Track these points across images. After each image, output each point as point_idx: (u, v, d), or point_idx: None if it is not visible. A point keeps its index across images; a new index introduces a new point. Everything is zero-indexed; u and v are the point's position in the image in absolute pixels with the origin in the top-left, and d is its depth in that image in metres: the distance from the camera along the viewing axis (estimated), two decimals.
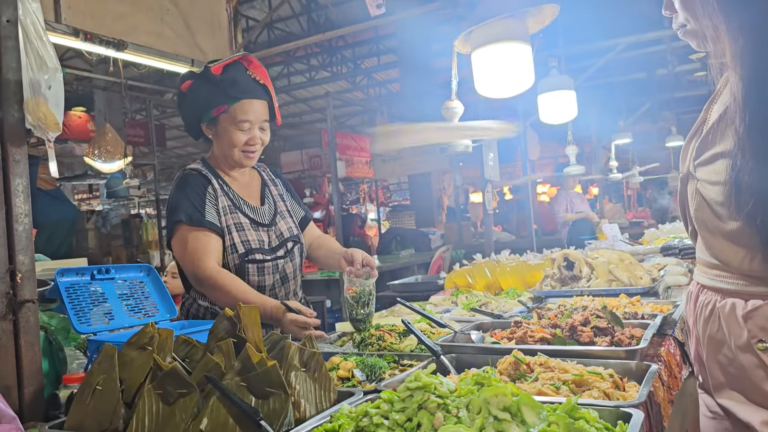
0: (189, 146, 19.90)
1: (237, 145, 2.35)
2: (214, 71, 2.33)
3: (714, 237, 1.44)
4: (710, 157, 1.40)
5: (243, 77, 2.36)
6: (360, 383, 1.74)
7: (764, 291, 1.35)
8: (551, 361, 1.63)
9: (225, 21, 5.54)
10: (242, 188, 2.49)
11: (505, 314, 2.64)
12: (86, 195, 16.09)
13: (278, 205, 2.55)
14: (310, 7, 12.55)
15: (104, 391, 1.41)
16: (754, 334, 1.36)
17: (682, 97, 10.00)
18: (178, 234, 2.30)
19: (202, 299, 2.41)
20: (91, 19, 4.21)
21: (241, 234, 2.34)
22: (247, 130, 2.35)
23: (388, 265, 7.64)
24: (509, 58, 2.19)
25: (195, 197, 2.31)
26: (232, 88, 2.32)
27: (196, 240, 2.26)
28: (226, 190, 2.41)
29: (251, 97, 2.34)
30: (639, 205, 16.42)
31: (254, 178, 2.59)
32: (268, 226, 2.45)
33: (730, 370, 1.44)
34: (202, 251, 2.24)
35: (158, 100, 11.17)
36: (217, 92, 2.32)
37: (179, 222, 2.28)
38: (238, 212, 2.39)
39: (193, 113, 2.41)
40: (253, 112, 2.34)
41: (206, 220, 2.28)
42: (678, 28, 1.49)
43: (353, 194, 17.57)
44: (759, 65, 1.26)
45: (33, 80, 1.70)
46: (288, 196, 2.65)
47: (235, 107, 2.32)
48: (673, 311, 2.40)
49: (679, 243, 4.57)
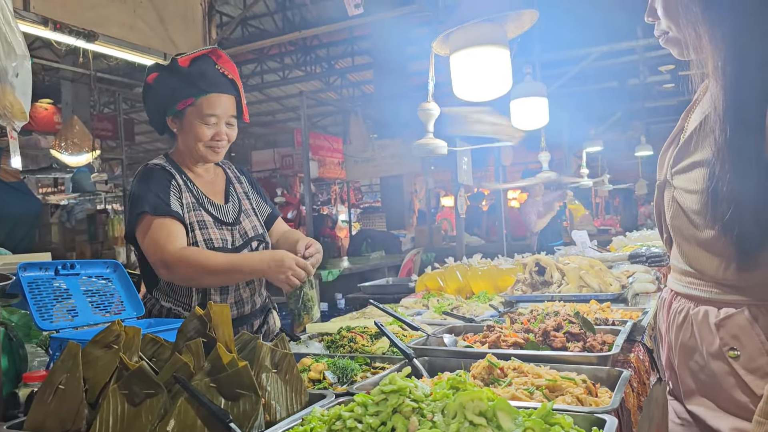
0: (157, 141, 19.58)
1: (202, 139, 2.30)
2: (182, 63, 2.29)
3: (689, 245, 1.45)
4: (688, 165, 1.41)
5: (211, 71, 2.31)
6: (331, 385, 1.72)
7: (737, 299, 1.37)
8: (525, 366, 1.63)
9: (199, 15, 5.47)
10: (206, 185, 2.43)
11: (476, 318, 2.64)
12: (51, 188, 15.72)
13: (243, 203, 2.50)
14: (285, 5, 12.47)
15: (67, 390, 1.36)
16: (725, 341, 1.37)
17: (652, 107, 10.21)
18: (141, 225, 2.23)
19: (164, 299, 2.35)
20: (61, 8, 4.12)
21: (203, 232, 2.29)
22: (214, 124, 2.30)
23: (358, 266, 7.62)
24: (488, 61, 2.19)
25: (159, 189, 2.25)
26: (199, 81, 2.27)
27: (160, 226, 2.19)
28: (190, 186, 2.36)
29: (219, 92, 2.30)
30: (606, 213, 16.68)
31: (219, 175, 2.53)
32: (232, 225, 2.39)
33: (701, 376, 1.45)
34: (166, 236, 2.17)
35: (127, 93, 10.96)
36: (184, 85, 2.28)
37: (143, 213, 2.21)
38: (201, 210, 2.33)
39: (158, 106, 2.36)
40: (220, 106, 2.30)
41: (171, 210, 2.22)
42: (660, 35, 1.49)
43: (324, 195, 17.51)
44: (741, 76, 1.26)
45: (0, 67, 1.64)
46: (254, 193, 2.60)
47: (201, 100, 2.28)
48: (642, 318, 2.43)
49: (647, 251, 4.63)
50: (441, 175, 13.38)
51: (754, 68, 1.25)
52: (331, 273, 6.67)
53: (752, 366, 1.33)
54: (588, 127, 9.44)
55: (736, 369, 1.35)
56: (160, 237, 2.18)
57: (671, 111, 10.58)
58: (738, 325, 1.35)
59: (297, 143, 11.49)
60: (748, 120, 1.24)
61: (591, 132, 9.29)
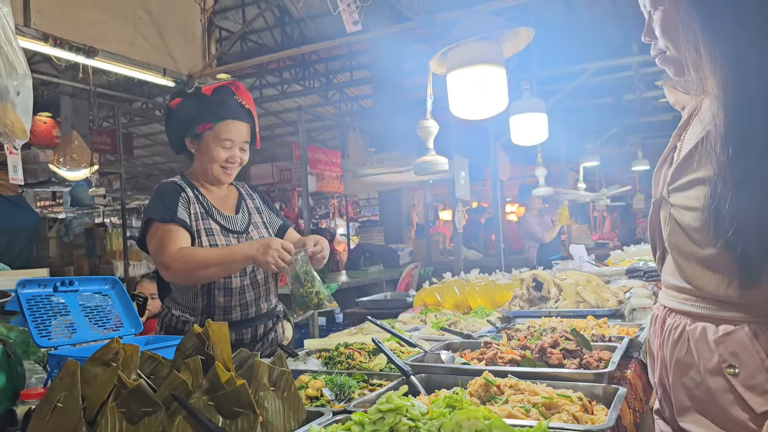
0: (156, 155, 19.65)
1: (217, 160, 2.49)
2: (205, 91, 2.50)
3: (688, 262, 1.44)
4: (687, 183, 1.40)
5: (230, 100, 2.51)
6: (329, 402, 1.72)
7: (736, 316, 1.36)
8: (521, 383, 1.64)
9: (199, 31, 5.51)
10: (217, 199, 2.60)
11: (474, 334, 2.64)
12: (49, 202, 15.72)
13: (253, 216, 2.66)
14: (284, 21, 12.56)
15: (65, 408, 1.37)
16: (724, 358, 1.36)
17: (648, 122, 10.26)
18: (149, 231, 2.41)
19: (174, 308, 2.49)
20: (62, 24, 4.16)
21: (210, 239, 2.44)
22: (228, 148, 2.50)
23: (356, 280, 7.61)
24: (484, 80, 2.21)
25: (167, 200, 2.43)
26: (219, 108, 2.48)
27: (165, 233, 2.35)
28: (201, 199, 2.52)
29: (235, 118, 2.50)
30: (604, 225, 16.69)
31: (231, 192, 2.70)
32: (240, 233, 2.54)
33: (697, 393, 1.43)
34: (168, 240, 2.33)
35: (126, 108, 11.01)
36: (205, 110, 2.47)
37: (151, 220, 2.39)
38: (210, 219, 2.49)
39: (178, 128, 2.54)
40: (236, 132, 2.50)
41: (177, 217, 2.38)
42: (657, 55, 1.49)
43: (323, 209, 17.53)
44: (742, 95, 1.25)
45: (1, 86, 1.66)
46: (265, 208, 2.76)
47: (219, 125, 2.47)
48: (639, 334, 2.44)
49: (644, 265, 4.65)
50: (439, 189, 13.39)
51: (756, 87, 1.25)
52: (330, 287, 6.65)
53: (751, 383, 1.32)
54: (584, 142, 9.48)
55: (735, 386, 1.34)
56: (162, 241, 2.34)
57: (667, 126, 10.63)
58: (738, 342, 1.34)
59: (295, 157, 11.51)
60: (750, 138, 1.24)
61: (588, 147, 9.33)
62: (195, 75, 5.19)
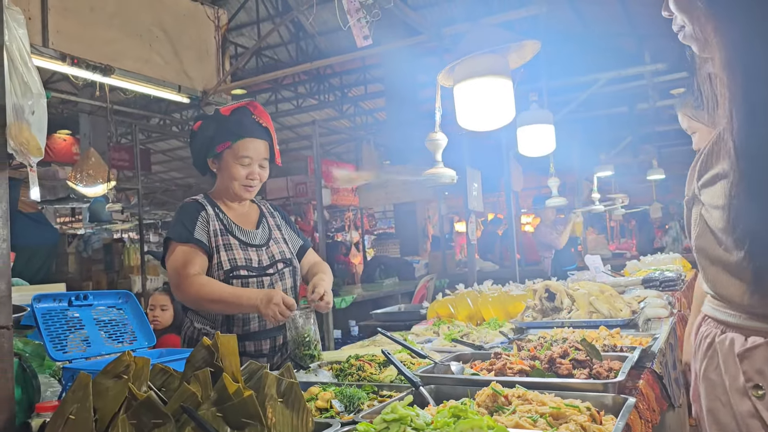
0: (173, 171, 19.85)
1: (237, 178, 2.57)
2: (223, 112, 2.61)
3: (714, 268, 1.33)
4: (711, 178, 1.30)
5: (248, 119, 2.60)
6: (338, 414, 1.73)
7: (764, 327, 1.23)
8: (529, 394, 1.63)
9: (213, 48, 5.60)
10: (238, 216, 2.67)
11: (486, 345, 2.64)
12: (69, 218, 15.93)
13: (273, 232, 2.73)
14: (298, 36, 12.68)
15: (77, 420, 1.39)
16: (749, 376, 1.23)
17: (663, 131, 10.19)
18: (168, 251, 2.50)
19: (196, 320, 2.57)
20: (78, 43, 4.25)
21: (228, 253, 2.51)
22: (248, 165, 2.58)
23: (372, 293, 7.62)
24: (490, 92, 2.23)
25: (186, 219, 2.52)
26: (236, 127, 2.57)
27: (181, 254, 2.45)
28: (221, 216, 2.60)
29: (253, 136, 2.58)
30: (622, 236, 16.57)
31: (253, 209, 2.78)
32: (259, 247, 2.60)
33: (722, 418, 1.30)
34: (183, 263, 2.42)
35: (144, 124, 11.16)
36: (224, 130, 2.57)
37: (169, 239, 2.51)
38: (229, 235, 2.56)
39: (201, 149, 2.65)
40: (254, 149, 2.58)
41: (194, 237, 2.46)
42: (678, 31, 1.37)
43: (338, 222, 17.56)
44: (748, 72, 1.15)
45: (17, 105, 1.70)
46: (286, 227, 2.84)
47: (238, 144, 2.55)
48: (652, 344, 2.42)
49: (660, 275, 4.62)
50: (454, 201, 13.37)
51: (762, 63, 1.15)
52: (345, 300, 6.68)
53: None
54: (598, 152, 9.44)
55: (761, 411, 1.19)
56: (178, 263, 2.43)
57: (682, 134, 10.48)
58: (764, 358, 1.20)
59: (310, 171, 11.57)
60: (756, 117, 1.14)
61: (602, 157, 9.29)
62: (210, 91, 5.26)
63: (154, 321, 4.01)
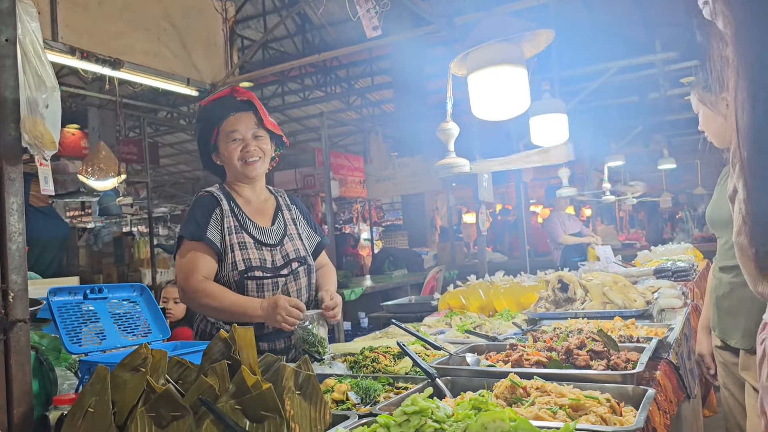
0: (181, 164, 19.89)
1: (234, 156, 2.50)
2: (203, 104, 2.58)
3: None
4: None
5: (227, 101, 2.55)
6: (355, 406, 1.73)
7: None
8: (548, 385, 1.62)
9: (221, 41, 5.58)
10: (254, 210, 2.59)
11: (499, 336, 2.63)
12: (78, 212, 16.01)
13: (289, 227, 2.64)
14: (305, 28, 12.65)
15: (96, 413, 1.39)
16: None
17: (674, 120, 10.11)
18: (180, 249, 2.47)
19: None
20: (88, 37, 4.24)
21: (243, 252, 2.45)
22: (240, 140, 2.50)
23: (381, 285, 7.61)
24: (505, 81, 2.21)
25: (200, 216, 2.46)
26: (218, 110, 2.52)
27: (190, 254, 2.41)
28: (236, 212, 2.53)
29: (236, 111, 2.51)
30: (631, 226, 16.49)
31: (269, 201, 2.69)
32: (273, 246, 2.53)
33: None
34: (192, 265, 2.39)
35: (152, 118, 11.18)
36: (209, 120, 2.54)
37: (182, 237, 2.46)
38: (244, 232, 2.49)
39: (203, 150, 2.61)
40: (239, 123, 2.50)
41: (206, 237, 2.41)
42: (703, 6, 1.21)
43: (346, 214, 17.57)
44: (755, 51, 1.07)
45: (31, 99, 1.70)
46: (303, 221, 2.75)
47: (223, 125, 2.51)
48: (668, 334, 2.40)
49: (672, 265, 4.60)
50: (462, 192, 13.36)
51: None
52: (354, 292, 6.68)
53: None
54: (608, 141, 9.37)
55: None
56: (187, 265, 2.40)
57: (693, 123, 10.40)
58: None
59: (318, 163, 11.56)
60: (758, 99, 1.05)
61: (612, 146, 9.22)
62: (218, 84, 5.25)
63: (167, 314, 4.02)
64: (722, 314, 2.51)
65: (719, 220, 2.53)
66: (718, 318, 2.55)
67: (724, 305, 2.49)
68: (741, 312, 2.37)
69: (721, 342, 2.54)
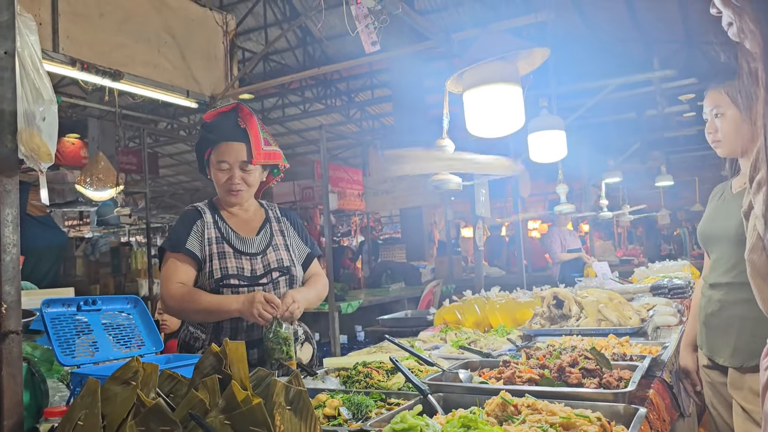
0: (180, 174, 19.93)
1: (219, 183, 2.54)
2: (206, 118, 2.59)
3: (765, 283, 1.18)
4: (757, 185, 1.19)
5: (227, 123, 2.54)
6: (346, 422, 1.72)
7: None
8: (539, 403, 1.62)
9: (221, 53, 5.62)
10: (239, 222, 2.61)
11: (494, 352, 2.63)
12: (76, 222, 16.00)
13: (275, 238, 2.65)
14: (305, 41, 12.73)
15: (86, 426, 1.39)
16: None
17: (672, 137, 10.16)
18: (163, 260, 2.52)
19: (191, 326, 2.57)
20: (88, 49, 4.27)
21: (221, 261, 2.48)
22: (227, 170, 2.51)
23: (378, 298, 7.61)
24: (500, 99, 2.23)
25: (181, 228, 2.51)
26: (215, 132, 2.53)
27: (170, 264, 2.46)
28: (219, 224, 2.56)
29: (230, 140, 2.51)
30: (629, 242, 16.51)
31: (258, 214, 2.71)
32: (254, 255, 2.55)
33: None
34: (171, 274, 2.44)
35: (152, 128, 11.21)
36: (205, 137, 2.55)
37: (163, 249, 2.53)
38: (224, 243, 2.52)
39: (199, 159, 2.64)
40: (229, 153, 2.50)
41: (185, 247, 2.46)
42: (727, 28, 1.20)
43: (344, 226, 17.56)
44: None
45: (28, 111, 1.71)
46: (293, 232, 2.75)
47: (216, 149, 2.53)
48: (662, 353, 2.40)
49: (669, 282, 4.59)
50: (460, 206, 13.36)
51: None
52: (351, 305, 6.67)
53: None
54: (606, 158, 9.40)
55: None
56: (166, 274, 2.46)
57: (691, 140, 10.50)
58: None
59: (317, 175, 11.59)
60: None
61: (610, 163, 9.25)
62: (218, 96, 5.28)
63: (162, 325, 4.01)
64: (711, 332, 2.45)
65: (712, 236, 2.49)
66: (706, 336, 2.48)
67: (713, 323, 2.42)
68: (731, 330, 2.33)
69: (709, 360, 2.47)
